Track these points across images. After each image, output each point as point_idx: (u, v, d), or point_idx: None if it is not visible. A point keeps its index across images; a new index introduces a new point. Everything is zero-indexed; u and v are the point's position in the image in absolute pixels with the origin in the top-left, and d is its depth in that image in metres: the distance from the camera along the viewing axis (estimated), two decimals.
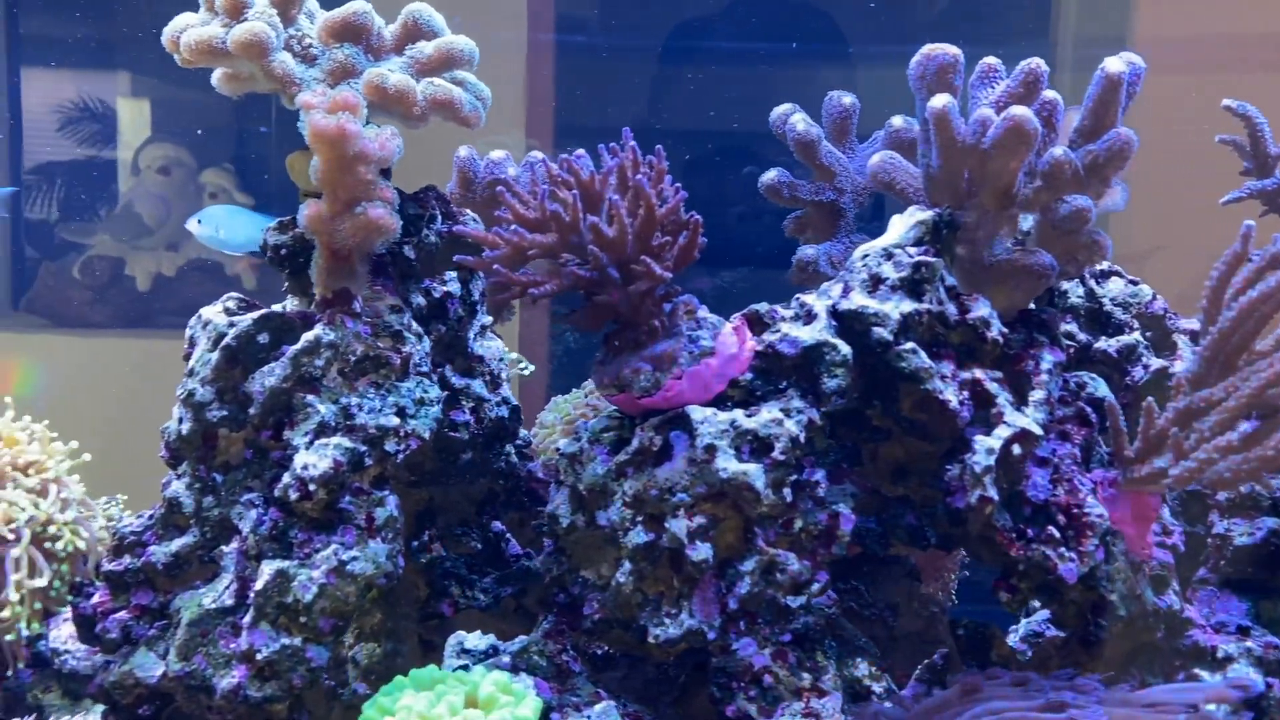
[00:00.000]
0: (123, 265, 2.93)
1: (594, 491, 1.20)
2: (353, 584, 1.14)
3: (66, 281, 2.89)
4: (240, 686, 1.11)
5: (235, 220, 2.13)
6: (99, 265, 2.90)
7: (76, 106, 2.97)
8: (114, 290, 2.95)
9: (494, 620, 1.65)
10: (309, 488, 1.13)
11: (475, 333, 1.47)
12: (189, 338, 1.23)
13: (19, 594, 1.11)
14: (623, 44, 2.91)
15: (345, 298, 1.24)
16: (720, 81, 2.95)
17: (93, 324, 2.87)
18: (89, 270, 2.90)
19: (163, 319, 2.92)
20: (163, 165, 2.92)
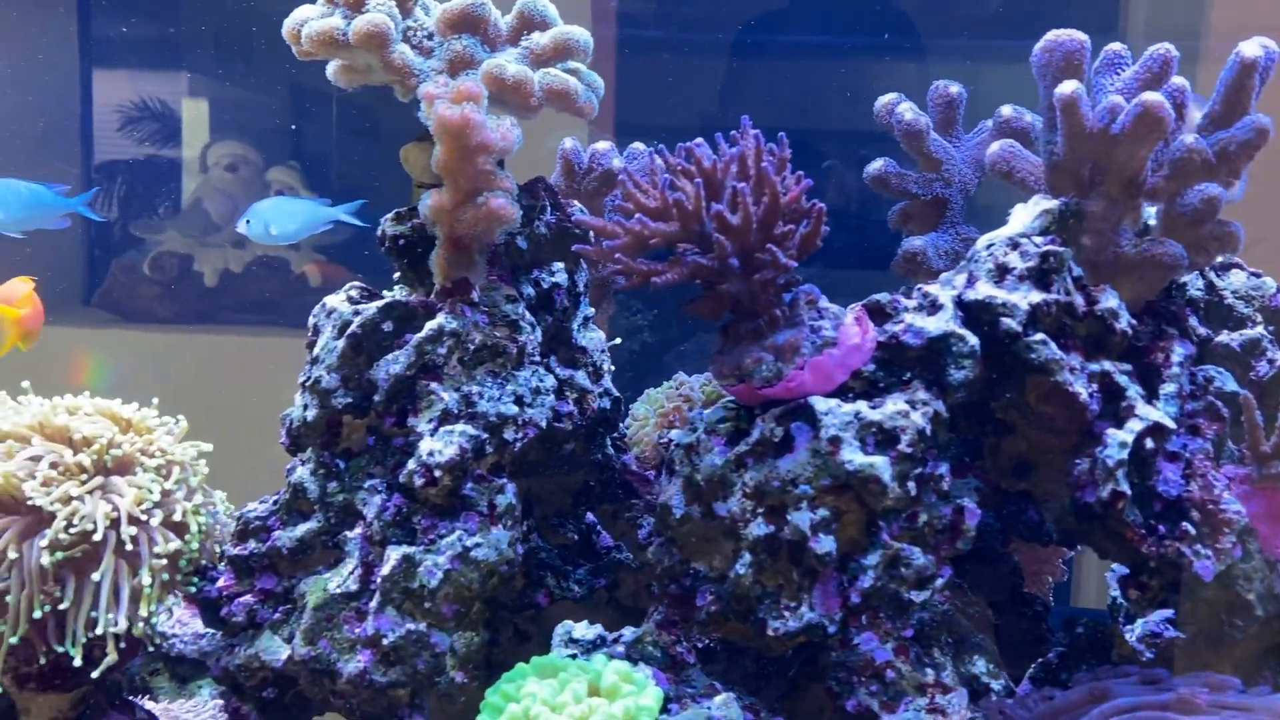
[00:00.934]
0: (191, 261, 2.97)
1: (712, 482, 1.20)
2: (476, 570, 1.14)
3: (137, 277, 2.94)
4: (365, 671, 1.12)
5: (282, 213, 2.11)
6: (168, 261, 2.95)
7: (136, 106, 3.03)
8: (182, 286, 2.99)
9: (586, 612, 1.65)
10: (434, 474, 1.13)
11: (579, 324, 1.47)
12: (313, 326, 1.25)
13: (152, 576, 1.14)
14: (686, 40, 2.90)
15: (464, 287, 1.25)
16: (789, 77, 2.92)
17: (161, 319, 2.92)
18: (159, 266, 2.95)
19: (228, 315, 2.96)
20: (230, 163, 2.96)
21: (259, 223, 2.05)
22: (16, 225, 2.04)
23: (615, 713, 1.07)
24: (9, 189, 2.05)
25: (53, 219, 2.06)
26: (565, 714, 1.07)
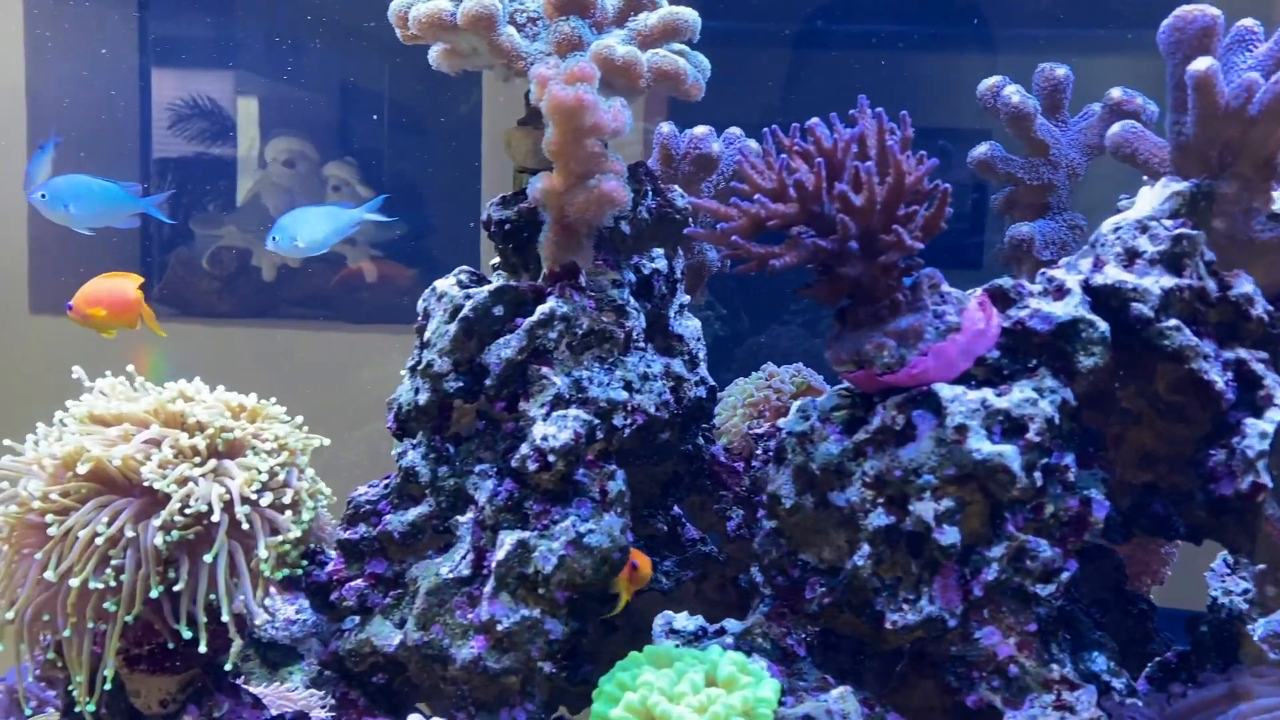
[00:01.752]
0: (250, 256, 2.99)
1: (827, 471, 1.17)
2: (589, 557, 1.12)
3: (196, 272, 2.97)
4: (479, 658, 1.11)
5: (306, 222, 2.08)
6: (227, 256, 2.97)
7: (187, 104, 3.05)
8: (241, 280, 3.01)
9: (673, 605, 1.63)
10: (548, 459, 1.12)
11: (675, 311, 1.45)
12: (422, 310, 1.24)
13: (269, 551, 1.13)
14: (746, 29, 2.86)
15: (572, 271, 1.23)
16: (851, 68, 2.87)
17: (220, 313, 2.93)
18: (218, 261, 2.97)
19: (285, 309, 2.98)
20: (288, 158, 2.97)
21: (285, 237, 2.03)
22: (88, 222, 2.05)
23: (734, 704, 1.05)
24: (82, 185, 2.06)
25: (123, 218, 2.07)
26: (684, 704, 1.05)
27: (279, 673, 1.76)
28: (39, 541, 1.16)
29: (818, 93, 3.08)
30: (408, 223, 2.98)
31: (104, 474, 1.14)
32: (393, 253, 2.96)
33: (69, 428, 1.17)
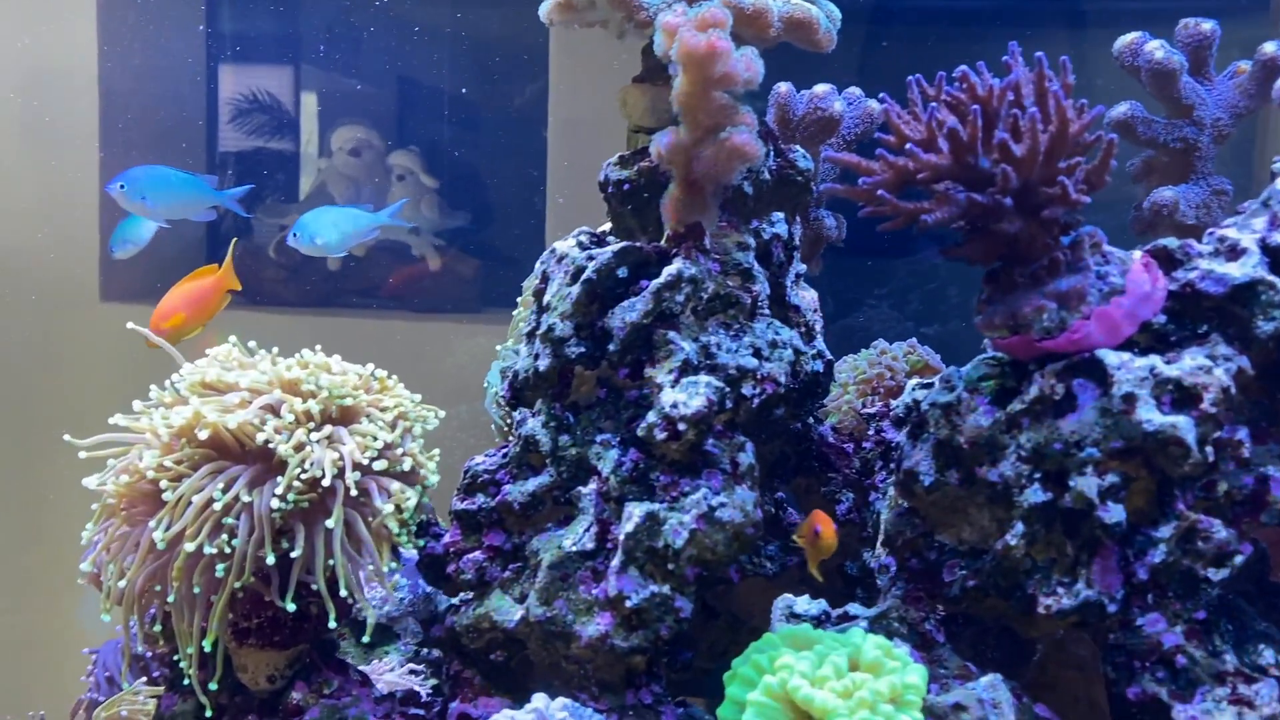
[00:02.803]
0: None
1: (976, 445, 1.09)
2: (721, 532, 1.06)
3: (262, 260, 2.96)
4: (606, 635, 1.05)
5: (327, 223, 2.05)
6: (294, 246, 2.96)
7: (247, 99, 3.05)
8: (307, 269, 3.01)
9: (776, 590, 1.57)
10: (678, 427, 1.06)
11: (791, 281, 1.37)
12: (541, 273, 1.18)
13: (393, 511, 1.09)
14: None
15: (697, 233, 1.16)
16: (931, 43, 2.77)
17: (285, 302, 2.93)
18: (284, 250, 2.97)
19: (349, 299, 2.97)
20: (354, 147, 2.95)
21: (305, 234, 2.00)
22: (165, 214, 2.03)
23: (881, 689, 0.98)
24: (161, 176, 2.04)
25: (200, 210, 2.06)
26: (827, 688, 0.98)
27: (375, 652, 1.73)
28: (149, 512, 1.12)
29: (892, 70, 2.99)
30: (471, 212, 2.96)
31: (218, 441, 1.11)
32: (456, 242, 2.95)
33: (182, 395, 1.14)
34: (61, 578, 2.78)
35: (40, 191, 2.72)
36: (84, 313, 2.73)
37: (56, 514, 2.77)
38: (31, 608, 2.85)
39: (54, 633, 2.78)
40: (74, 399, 2.74)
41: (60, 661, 2.72)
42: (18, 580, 2.81)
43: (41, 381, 2.73)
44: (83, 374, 2.74)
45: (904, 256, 2.85)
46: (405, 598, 1.80)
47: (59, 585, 2.77)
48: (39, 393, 2.74)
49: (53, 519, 2.77)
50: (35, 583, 2.81)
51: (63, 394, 2.75)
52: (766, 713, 1.00)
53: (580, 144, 2.59)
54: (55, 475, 2.73)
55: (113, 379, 2.71)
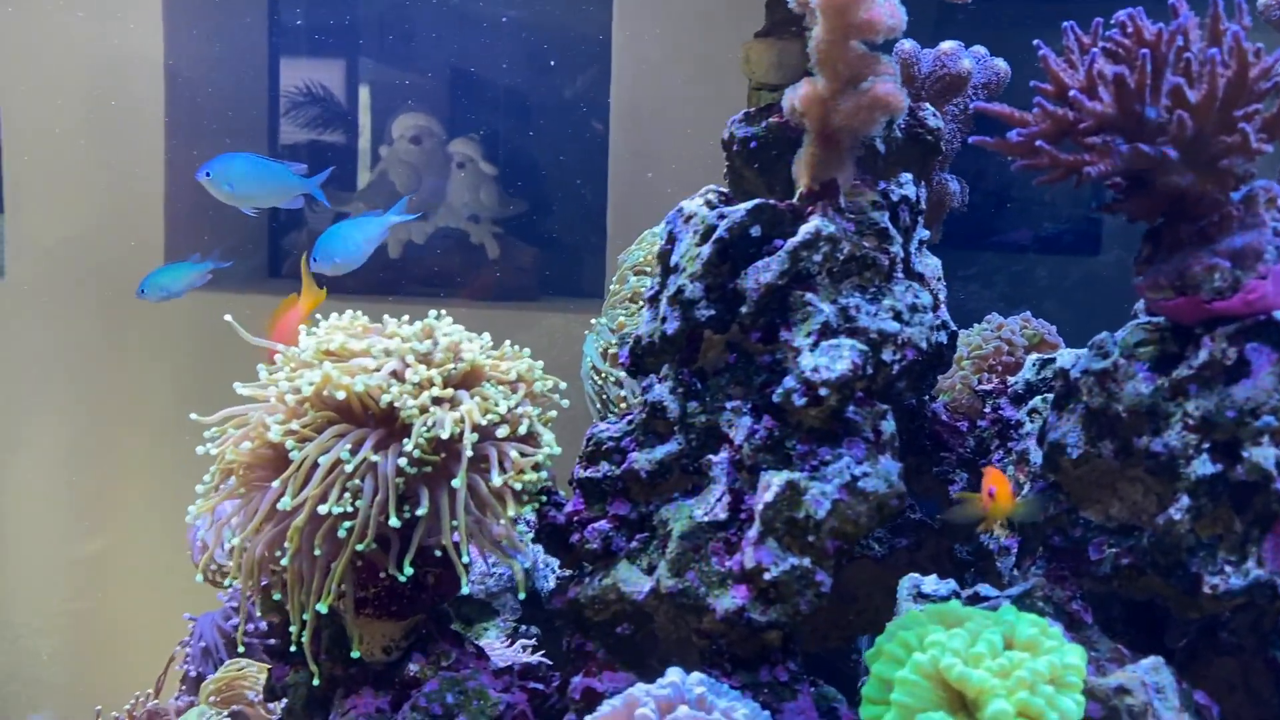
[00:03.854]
0: None
1: (1136, 414, 1.03)
2: (864, 503, 1.01)
3: None
4: (742, 609, 1.00)
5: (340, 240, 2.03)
6: None
7: (300, 91, 3.05)
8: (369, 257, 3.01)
9: (885, 573, 1.51)
10: (819, 393, 1.00)
11: (916, 246, 1.31)
12: (667, 234, 1.14)
13: (520, 474, 1.05)
14: None
15: (831, 190, 1.11)
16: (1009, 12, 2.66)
17: (348, 290, 2.93)
18: None
19: (409, 287, 2.97)
20: (415, 135, 2.94)
21: (325, 257, 1.99)
22: (252, 201, 2.02)
23: (1040, 669, 0.92)
24: (248, 165, 2.03)
25: (288, 198, 2.05)
26: (982, 667, 0.93)
27: (474, 628, 1.70)
28: (267, 478, 1.10)
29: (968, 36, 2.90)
30: (530, 200, 2.94)
31: (344, 405, 1.08)
32: (515, 230, 2.94)
33: (307, 361, 1.11)
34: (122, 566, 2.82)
35: (107, 180, 2.75)
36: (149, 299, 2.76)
37: (119, 503, 2.81)
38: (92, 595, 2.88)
39: (119, 621, 2.82)
40: (139, 386, 2.77)
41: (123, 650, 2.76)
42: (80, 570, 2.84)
43: (107, 368, 2.77)
44: (148, 361, 2.77)
45: (991, 238, 2.77)
46: (504, 573, 1.77)
47: (120, 573, 2.81)
48: (104, 380, 2.77)
49: (115, 508, 2.81)
50: (96, 572, 2.84)
51: (128, 381, 2.78)
52: (916, 691, 0.94)
53: (642, 132, 2.55)
54: (120, 463, 2.77)
55: (177, 366, 2.75)
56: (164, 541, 2.74)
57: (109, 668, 2.80)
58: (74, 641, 2.89)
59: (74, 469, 2.81)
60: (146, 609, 2.74)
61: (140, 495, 2.78)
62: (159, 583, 2.72)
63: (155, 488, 2.74)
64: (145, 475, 2.76)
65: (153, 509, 2.77)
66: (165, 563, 2.73)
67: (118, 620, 2.82)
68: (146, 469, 2.75)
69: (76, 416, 2.77)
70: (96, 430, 2.77)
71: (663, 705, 0.95)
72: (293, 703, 1.26)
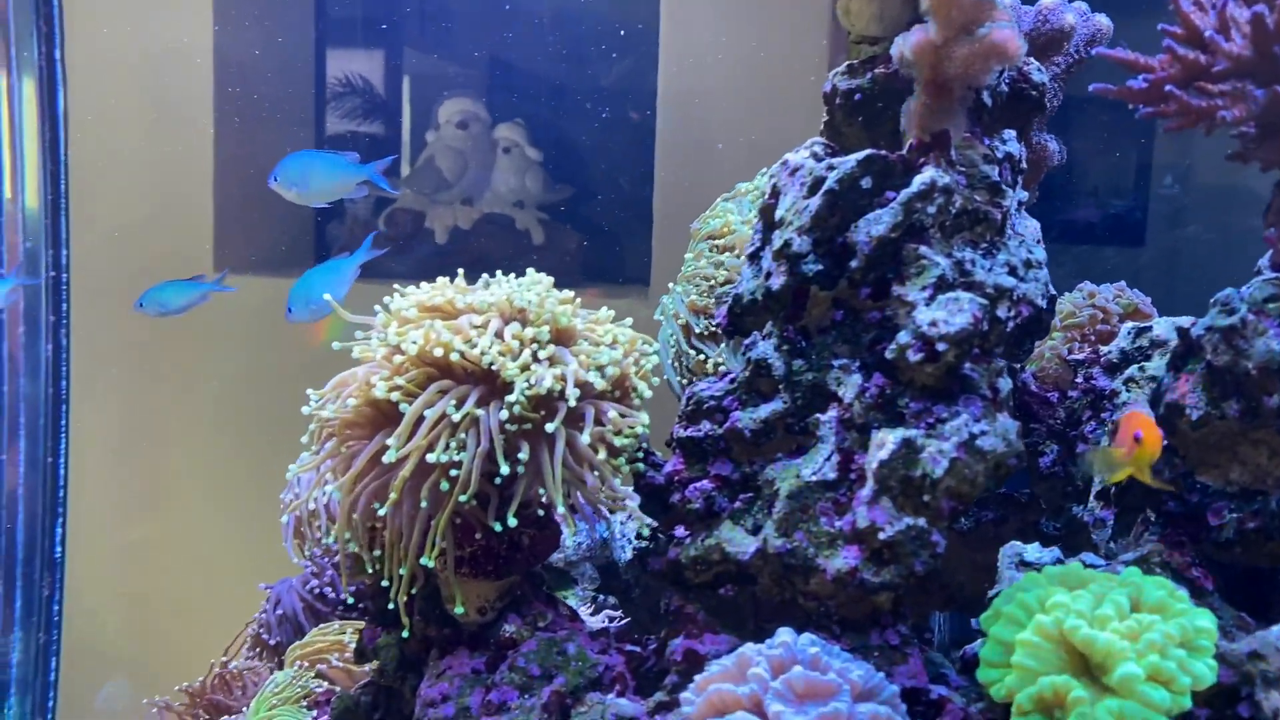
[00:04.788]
0: (423, 218, 2.97)
1: (1266, 371, 0.99)
2: (982, 462, 0.98)
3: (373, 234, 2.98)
4: (855, 570, 0.98)
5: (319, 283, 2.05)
6: (402, 218, 2.96)
7: (340, 82, 3.05)
8: (415, 242, 3.01)
9: (969, 548, 1.48)
10: (936, 348, 0.97)
11: (1015, 207, 1.27)
12: (771, 187, 1.11)
13: (620, 434, 1.04)
14: None
15: (943, 142, 1.08)
16: None
17: (394, 274, 2.93)
18: (394, 223, 2.97)
19: (454, 272, 2.96)
20: (461, 120, 2.93)
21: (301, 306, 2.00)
22: (320, 198, 2.04)
23: (1172, 632, 0.89)
24: (309, 162, 2.05)
25: (352, 188, 2.06)
26: (1109, 630, 0.90)
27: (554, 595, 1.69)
28: (367, 435, 1.10)
29: None
30: (575, 186, 2.92)
31: (443, 363, 1.07)
32: (560, 216, 2.93)
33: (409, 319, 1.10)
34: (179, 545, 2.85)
35: (157, 167, 2.77)
36: None
37: (175, 480, 2.83)
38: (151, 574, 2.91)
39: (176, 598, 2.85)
40: (189, 367, 2.80)
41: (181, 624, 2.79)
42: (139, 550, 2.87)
43: (159, 350, 2.79)
44: (198, 342, 2.79)
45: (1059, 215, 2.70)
46: (583, 542, 1.76)
47: (176, 553, 2.84)
48: (157, 361, 2.80)
49: (172, 486, 2.84)
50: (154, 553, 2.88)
51: (178, 362, 2.81)
52: (1039, 654, 0.92)
53: (690, 118, 2.53)
54: (174, 442, 2.80)
55: (226, 347, 2.77)
56: (217, 522, 2.78)
57: (170, 640, 2.84)
58: (137, 616, 2.93)
59: (130, 454, 2.84)
60: (201, 586, 2.77)
61: (193, 480, 2.81)
62: (213, 561, 2.76)
63: (208, 473, 2.77)
64: (199, 460, 2.78)
65: (206, 493, 2.80)
66: (218, 542, 2.77)
67: (175, 597, 2.86)
68: (200, 455, 2.77)
69: (132, 402, 2.80)
70: (151, 415, 2.80)
71: (776, 664, 0.93)
72: (384, 664, 1.26)
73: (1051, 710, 0.90)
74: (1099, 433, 1.48)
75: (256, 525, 2.67)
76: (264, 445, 2.45)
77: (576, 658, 1.11)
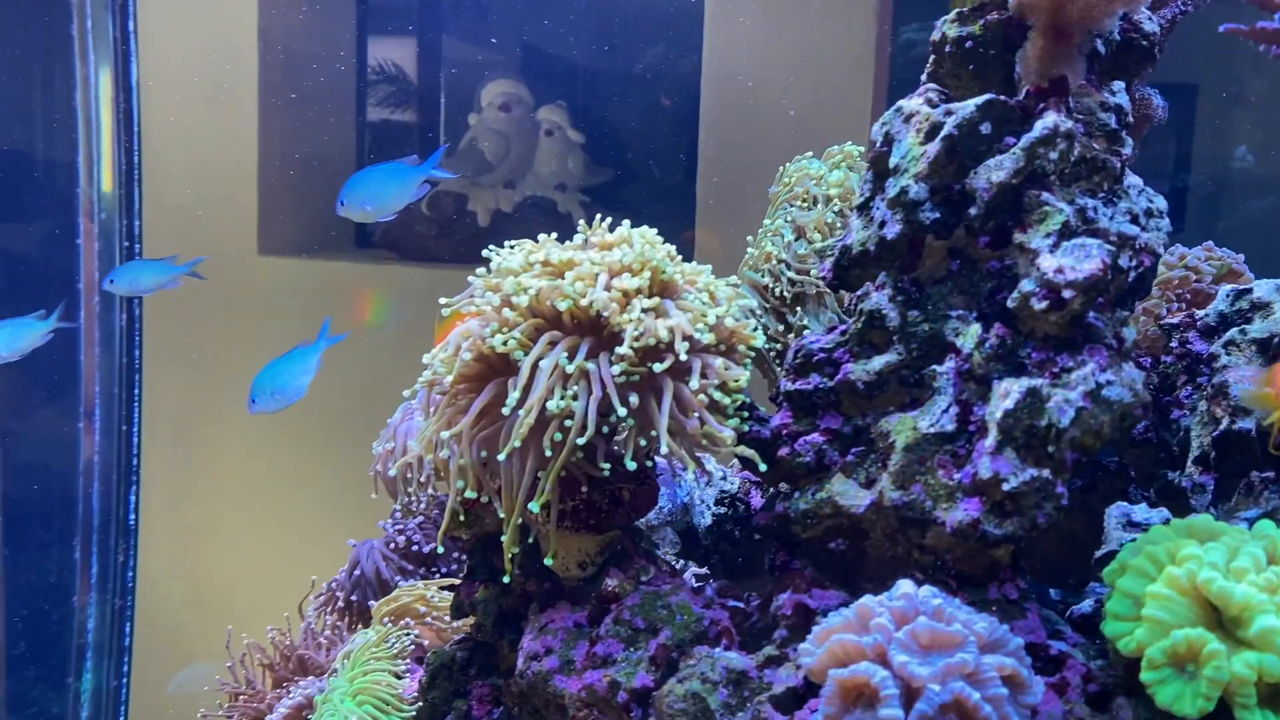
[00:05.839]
0: (465, 201, 2.97)
1: None
2: (1108, 413, 0.96)
3: (415, 217, 2.96)
4: (976, 522, 0.96)
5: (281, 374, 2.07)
6: (444, 201, 2.96)
7: (373, 70, 3.05)
8: (457, 225, 3.00)
9: None
10: (1062, 295, 0.95)
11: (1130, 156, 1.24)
12: (883, 135, 1.09)
13: (724, 388, 1.02)
14: None
15: (1061, 88, 1.05)
16: None
17: (436, 257, 2.94)
18: (436, 206, 2.97)
19: None
20: (504, 102, 2.91)
21: (264, 395, 2.06)
22: (390, 210, 2.04)
23: None
24: (371, 180, 2.06)
25: (414, 191, 2.08)
26: (1246, 582, 0.88)
27: None
28: (476, 388, 1.09)
29: None
30: (618, 169, 2.90)
31: (552, 315, 1.06)
32: (602, 199, 2.91)
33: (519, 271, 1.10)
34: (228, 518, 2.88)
35: (204, 152, 2.80)
36: (243, 265, 2.82)
37: (218, 455, 2.87)
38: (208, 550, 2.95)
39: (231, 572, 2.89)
40: (235, 346, 2.82)
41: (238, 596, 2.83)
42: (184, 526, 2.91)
43: (207, 330, 2.82)
44: (243, 322, 2.82)
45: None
46: (663, 506, 1.75)
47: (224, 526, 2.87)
48: (204, 340, 2.83)
49: (215, 460, 2.87)
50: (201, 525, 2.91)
51: (225, 341, 2.84)
52: (1170, 607, 0.90)
53: (734, 100, 2.50)
54: (218, 417, 2.83)
55: (270, 327, 2.80)
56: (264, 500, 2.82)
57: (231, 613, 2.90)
58: (198, 589, 2.97)
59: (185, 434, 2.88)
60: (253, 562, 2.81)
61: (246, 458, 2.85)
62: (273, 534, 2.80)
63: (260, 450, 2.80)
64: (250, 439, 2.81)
65: (256, 473, 2.83)
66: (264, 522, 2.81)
67: (237, 567, 2.90)
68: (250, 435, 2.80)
69: (178, 373, 2.84)
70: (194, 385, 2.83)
71: (898, 615, 0.92)
72: (481, 619, 1.26)
73: (1184, 664, 0.88)
74: (1195, 398, 1.44)
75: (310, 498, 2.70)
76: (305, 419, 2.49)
77: (681, 611, 1.10)
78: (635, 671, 1.07)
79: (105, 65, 2.50)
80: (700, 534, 1.77)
